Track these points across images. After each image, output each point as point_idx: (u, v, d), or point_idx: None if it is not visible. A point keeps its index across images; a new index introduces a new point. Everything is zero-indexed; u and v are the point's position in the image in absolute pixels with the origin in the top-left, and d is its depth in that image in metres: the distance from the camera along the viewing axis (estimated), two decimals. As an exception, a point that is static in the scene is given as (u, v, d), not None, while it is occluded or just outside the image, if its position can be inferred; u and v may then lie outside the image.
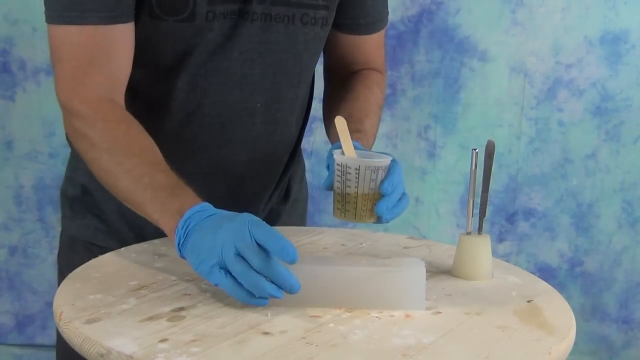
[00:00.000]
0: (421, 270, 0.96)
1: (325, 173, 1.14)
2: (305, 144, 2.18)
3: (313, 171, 2.31)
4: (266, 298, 0.90)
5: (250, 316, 0.92)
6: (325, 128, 1.32)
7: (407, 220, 2.42)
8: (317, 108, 1.39)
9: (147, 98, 1.15)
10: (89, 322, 0.88)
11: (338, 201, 1.06)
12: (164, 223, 1.00)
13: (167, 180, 1.03)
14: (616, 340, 2.45)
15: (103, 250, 1.19)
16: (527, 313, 0.98)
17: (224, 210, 0.98)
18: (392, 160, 1.06)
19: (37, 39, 2.24)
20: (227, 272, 0.91)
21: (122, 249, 1.14)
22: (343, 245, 1.21)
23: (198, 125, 1.20)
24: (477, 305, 0.99)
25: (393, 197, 1.05)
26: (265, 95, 1.21)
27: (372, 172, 1.03)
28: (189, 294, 0.97)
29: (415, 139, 2.39)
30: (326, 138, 1.30)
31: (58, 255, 1.34)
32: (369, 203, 1.05)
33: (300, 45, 1.21)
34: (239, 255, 0.90)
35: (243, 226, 0.91)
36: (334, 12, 1.24)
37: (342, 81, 1.34)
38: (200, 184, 1.22)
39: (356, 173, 1.03)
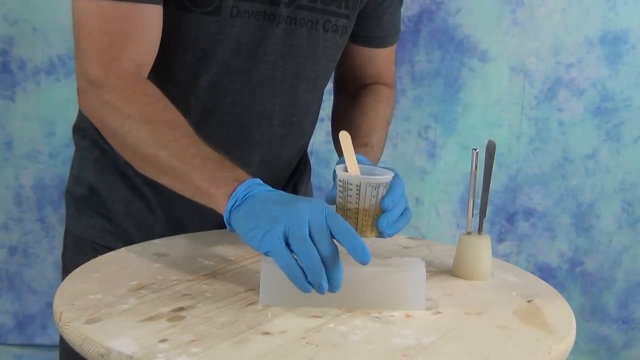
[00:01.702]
0: (421, 270, 0.96)
1: (324, 173, 1.15)
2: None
3: (313, 171, 2.31)
4: (311, 286, 0.88)
5: (250, 316, 0.92)
6: (333, 140, 1.32)
7: (407, 220, 2.42)
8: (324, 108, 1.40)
9: (168, 93, 1.13)
10: (89, 322, 0.88)
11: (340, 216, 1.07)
12: (215, 189, 0.97)
13: (215, 153, 1.02)
14: (616, 340, 2.45)
15: (109, 251, 1.18)
16: (527, 313, 0.98)
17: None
18: (394, 176, 1.06)
19: (37, 39, 2.24)
20: (287, 245, 0.89)
21: (122, 249, 1.14)
22: (343, 245, 1.20)
23: (216, 125, 1.20)
24: (477, 305, 0.99)
25: (394, 213, 1.05)
26: (283, 98, 1.22)
27: (373, 189, 1.03)
28: (189, 294, 0.97)
29: (415, 139, 2.39)
30: (326, 138, 1.31)
31: (62, 254, 1.34)
32: (369, 219, 1.05)
33: (319, 51, 1.22)
34: (310, 235, 0.88)
35: (320, 209, 0.90)
36: (354, 22, 1.26)
37: (352, 94, 1.36)
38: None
39: (357, 189, 1.03)
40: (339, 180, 1.05)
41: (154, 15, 1.09)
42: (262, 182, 0.98)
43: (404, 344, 0.86)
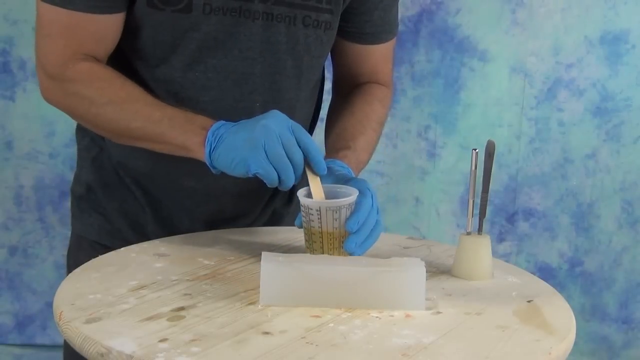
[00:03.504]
0: (421, 270, 0.96)
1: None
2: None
3: (313, 171, 2.32)
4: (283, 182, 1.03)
5: (250, 316, 0.92)
6: (324, 141, 1.32)
7: (407, 220, 2.43)
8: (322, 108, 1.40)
9: (147, 89, 1.15)
10: (89, 321, 0.88)
11: (306, 240, 1.06)
12: (190, 142, 1.08)
13: (178, 111, 1.11)
14: (616, 340, 2.45)
15: (107, 249, 1.20)
16: (527, 313, 0.97)
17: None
18: (360, 195, 1.05)
19: (37, 39, 2.24)
20: (268, 158, 1.02)
21: (122, 249, 1.14)
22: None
23: None
24: (477, 305, 0.99)
25: (361, 234, 1.04)
26: (264, 95, 1.21)
27: (334, 212, 1.03)
28: (189, 294, 0.97)
29: (415, 139, 2.39)
30: (327, 138, 1.30)
31: (67, 254, 1.35)
32: (335, 241, 1.04)
33: (300, 47, 1.21)
34: (285, 146, 1.02)
35: (285, 123, 1.03)
36: (339, 17, 1.24)
37: (346, 95, 1.34)
38: (196, 184, 1.22)
39: (318, 214, 1.03)
40: (302, 205, 1.04)
41: (110, 23, 1.14)
42: (225, 121, 1.08)
43: (404, 344, 0.86)
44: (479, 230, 1.10)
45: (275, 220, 1.35)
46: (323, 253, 1.05)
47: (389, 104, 1.37)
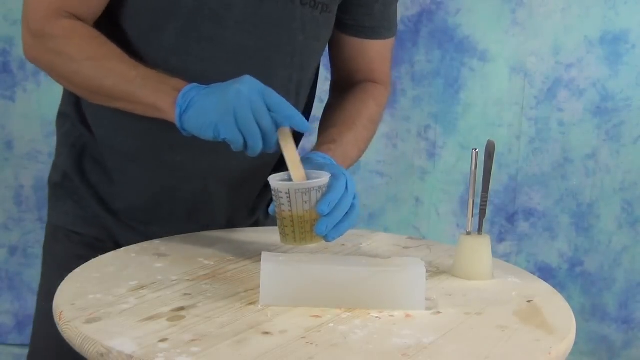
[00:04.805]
0: (421, 270, 0.96)
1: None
2: (306, 143, 2.18)
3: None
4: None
5: (250, 316, 0.92)
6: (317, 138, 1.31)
7: (407, 220, 2.43)
8: (317, 107, 1.39)
9: (139, 59, 1.15)
10: (88, 321, 0.88)
11: (278, 226, 1.05)
12: (161, 102, 1.07)
13: (151, 72, 1.10)
14: (616, 340, 2.45)
15: (82, 237, 1.22)
16: (527, 313, 0.98)
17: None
18: (334, 177, 1.04)
19: (37, 39, 2.24)
20: (237, 123, 1.02)
21: (122, 249, 1.14)
22: (343, 245, 1.21)
23: None
24: (477, 305, 0.99)
25: (334, 217, 1.02)
26: (256, 70, 1.16)
27: (304, 194, 1.01)
28: (189, 294, 0.97)
29: (415, 139, 2.39)
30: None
31: (43, 246, 1.34)
32: (307, 224, 1.02)
33: (296, 25, 1.19)
34: (254, 112, 1.01)
35: (256, 88, 1.02)
36: (337, 4, 1.24)
37: (341, 93, 1.33)
38: (183, 159, 1.21)
39: (287, 196, 1.01)
40: (272, 190, 1.03)
41: None
42: (199, 85, 1.07)
43: (404, 344, 0.86)
44: (479, 230, 1.10)
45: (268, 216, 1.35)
46: (295, 239, 1.03)
47: (384, 103, 1.36)
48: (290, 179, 1.04)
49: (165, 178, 1.24)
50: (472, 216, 1.10)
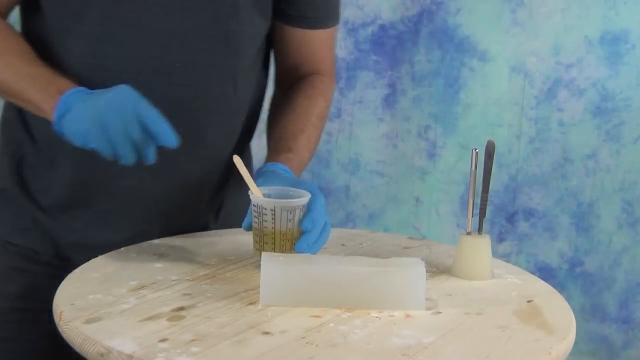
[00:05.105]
0: (421, 270, 0.96)
1: (325, 173, 1.14)
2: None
3: (313, 171, 2.31)
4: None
5: (250, 316, 0.92)
6: (267, 137, 1.29)
7: (407, 220, 2.43)
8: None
9: (61, 47, 1.13)
10: (88, 321, 0.88)
11: (256, 241, 1.06)
12: (44, 104, 1.06)
13: (45, 71, 1.10)
14: (616, 340, 2.45)
15: (19, 248, 1.21)
16: (527, 313, 0.98)
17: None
18: (312, 195, 1.05)
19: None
20: (107, 133, 1.00)
21: (122, 249, 1.14)
22: (343, 245, 1.21)
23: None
24: (477, 305, 0.99)
25: (313, 234, 1.04)
26: (184, 55, 1.15)
27: (289, 212, 1.03)
28: (189, 294, 0.97)
29: (415, 139, 2.39)
30: (325, 137, 1.29)
31: None
32: (287, 242, 1.04)
33: (226, 9, 1.16)
34: (123, 124, 0.99)
35: (131, 101, 1.00)
36: None
37: (289, 87, 1.31)
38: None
39: (272, 213, 1.03)
40: (253, 205, 1.04)
41: None
42: (83, 89, 1.06)
43: (404, 344, 0.86)
44: (479, 230, 1.10)
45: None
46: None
47: (331, 97, 1.34)
48: (269, 196, 1.05)
49: (107, 174, 1.20)
50: (472, 216, 1.10)
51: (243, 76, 1.24)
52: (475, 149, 1.08)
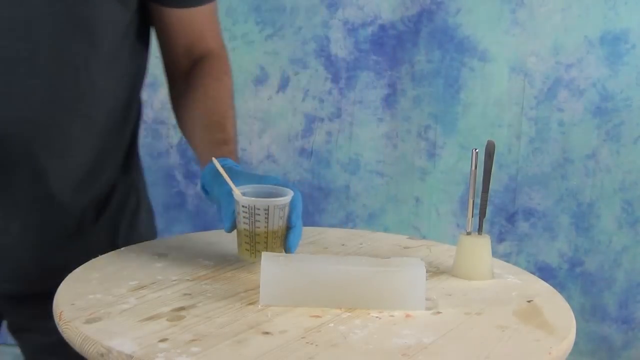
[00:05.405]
0: (421, 270, 0.96)
1: (325, 173, 1.13)
2: (305, 143, 2.20)
3: (313, 171, 2.31)
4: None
5: (250, 316, 0.92)
6: (183, 133, 1.24)
7: (407, 220, 2.43)
8: (317, 108, 1.39)
9: None
10: (88, 321, 0.88)
11: (246, 242, 1.05)
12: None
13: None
14: (616, 340, 2.45)
15: None
16: (527, 313, 0.98)
17: None
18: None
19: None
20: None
21: (122, 248, 1.14)
22: (343, 245, 1.21)
23: None
24: (477, 305, 0.99)
25: (299, 227, 1.05)
26: (22, 42, 1.08)
27: (280, 210, 1.04)
28: (189, 294, 0.97)
29: (415, 139, 2.39)
30: (326, 138, 1.29)
31: None
32: (277, 240, 1.05)
33: None
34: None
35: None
36: None
37: (187, 74, 1.25)
38: None
39: (265, 213, 1.03)
40: (243, 207, 1.03)
41: None
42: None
43: (404, 344, 0.86)
44: (479, 230, 1.10)
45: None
46: None
47: (230, 70, 1.29)
48: (248, 195, 1.05)
49: None
50: (472, 216, 1.10)
51: (102, 65, 1.16)
52: (475, 149, 1.08)
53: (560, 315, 0.98)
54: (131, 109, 1.26)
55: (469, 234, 1.10)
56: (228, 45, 1.30)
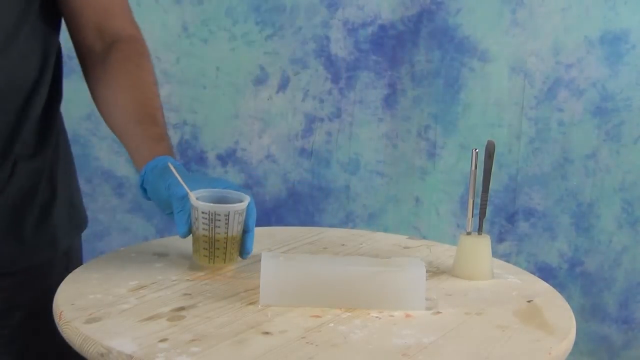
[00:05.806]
0: (421, 270, 0.96)
1: (325, 173, 1.13)
2: (305, 143, 2.19)
3: (313, 171, 2.31)
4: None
5: (250, 316, 0.92)
6: (110, 127, 1.18)
7: (407, 220, 2.43)
8: (317, 108, 1.38)
9: None
10: (88, 322, 0.88)
11: (204, 248, 1.04)
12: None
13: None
14: (616, 340, 2.45)
15: None
16: (527, 313, 0.98)
17: None
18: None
19: (37, 38, 2.24)
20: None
21: (122, 248, 1.14)
22: (343, 245, 1.21)
23: None
24: (477, 305, 0.99)
25: (253, 231, 1.06)
26: None
27: (239, 215, 1.04)
28: (189, 294, 0.97)
29: (415, 139, 2.39)
30: (326, 137, 1.28)
31: None
32: (236, 244, 1.05)
33: None
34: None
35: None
36: None
37: (104, 60, 1.18)
38: None
39: (226, 219, 1.03)
40: (203, 213, 1.02)
41: None
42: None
43: (404, 344, 0.86)
44: (479, 230, 1.10)
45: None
46: (225, 259, 1.05)
47: (148, 51, 1.23)
48: (203, 199, 1.03)
49: None
50: (472, 216, 1.10)
51: (6, 43, 1.09)
52: (475, 149, 1.08)
53: (560, 316, 0.98)
54: (38, 90, 1.17)
55: (469, 234, 1.11)
56: (228, 45, 1.30)
